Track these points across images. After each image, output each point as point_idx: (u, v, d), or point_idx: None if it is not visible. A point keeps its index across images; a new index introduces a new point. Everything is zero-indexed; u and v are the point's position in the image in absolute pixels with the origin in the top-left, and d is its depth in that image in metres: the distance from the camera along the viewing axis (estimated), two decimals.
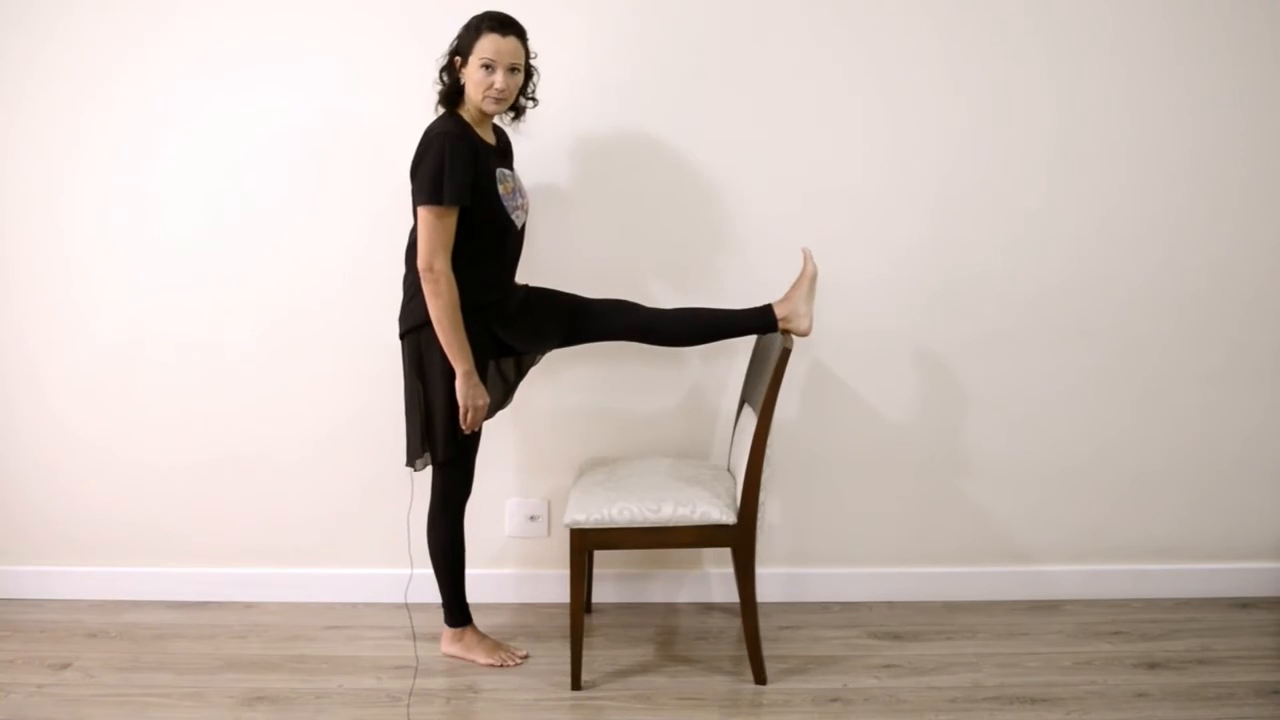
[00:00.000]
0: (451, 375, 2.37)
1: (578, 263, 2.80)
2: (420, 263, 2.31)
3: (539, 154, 2.75)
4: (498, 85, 2.34)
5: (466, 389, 2.36)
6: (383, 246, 2.72)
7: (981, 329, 2.86)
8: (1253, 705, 2.33)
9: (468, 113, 2.41)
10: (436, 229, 2.30)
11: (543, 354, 2.68)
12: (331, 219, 2.83)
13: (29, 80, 2.80)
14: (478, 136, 2.40)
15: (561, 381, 2.87)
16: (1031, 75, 2.78)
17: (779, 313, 2.50)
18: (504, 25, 2.35)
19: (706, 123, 2.79)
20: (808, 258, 2.53)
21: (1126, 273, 2.84)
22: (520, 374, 2.68)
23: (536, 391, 2.83)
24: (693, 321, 2.57)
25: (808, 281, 2.51)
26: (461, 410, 2.38)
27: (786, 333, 2.48)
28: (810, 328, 2.50)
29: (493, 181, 2.38)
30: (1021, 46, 2.77)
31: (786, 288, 2.57)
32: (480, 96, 2.36)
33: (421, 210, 2.31)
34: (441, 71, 2.42)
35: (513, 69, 2.36)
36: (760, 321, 2.52)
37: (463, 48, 2.37)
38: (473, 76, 2.35)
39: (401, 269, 2.50)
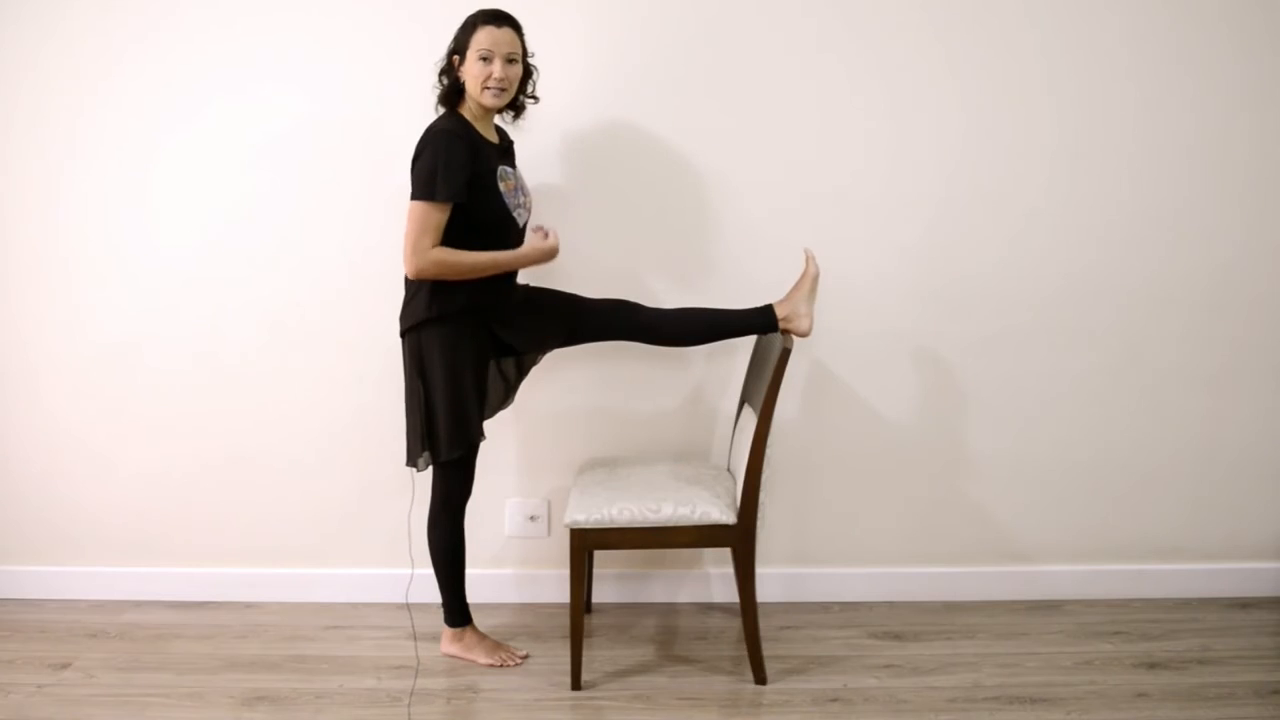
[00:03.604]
0: (452, 374, 2.38)
1: (578, 262, 2.79)
2: (406, 256, 2.32)
3: (540, 153, 2.75)
4: (496, 75, 2.35)
5: (540, 247, 2.43)
6: (383, 246, 2.72)
7: (982, 329, 2.86)
8: (1253, 705, 2.33)
9: (468, 111, 2.42)
10: (424, 225, 2.30)
11: (543, 354, 2.68)
12: (332, 219, 2.83)
13: (29, 79, 2.80)
14: (478, 134, 2.40)
15: (561, 381, 2.87)
16: (1032, 75, 2.78)
17: (780, 313, 2.50)
18: (498, 18, 2.37)
19: (707, 121, 2.79)
20: (810, 259, 2.53)
21: (1128, 273, 2.84)
22: (521, 374, 2.68)
23: (536, 391, 2.83)
24: (693, 321, 2.57)
25: (809, 282, 2.51)
26: (548, 249, 2.45)
27: (787, 333, 2.48)
28: (811, 328, 2.50)
29: (494, 179, 2.39)
30: (1022, 46, 2.77)
31: (787, 287, 2.57)
32: (479, 90, 2.36)
33: (412, 205, 2.31)
34: (441, 73, 2.42)
35: (510, 60, 2.37)
36: (761, 321, 2.52)
37: (460, 45, 2.38)
38: (471, 71, 2.36)
39: (402, 268, 2.49)
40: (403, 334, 2.45)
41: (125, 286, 2.86)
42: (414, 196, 2.31)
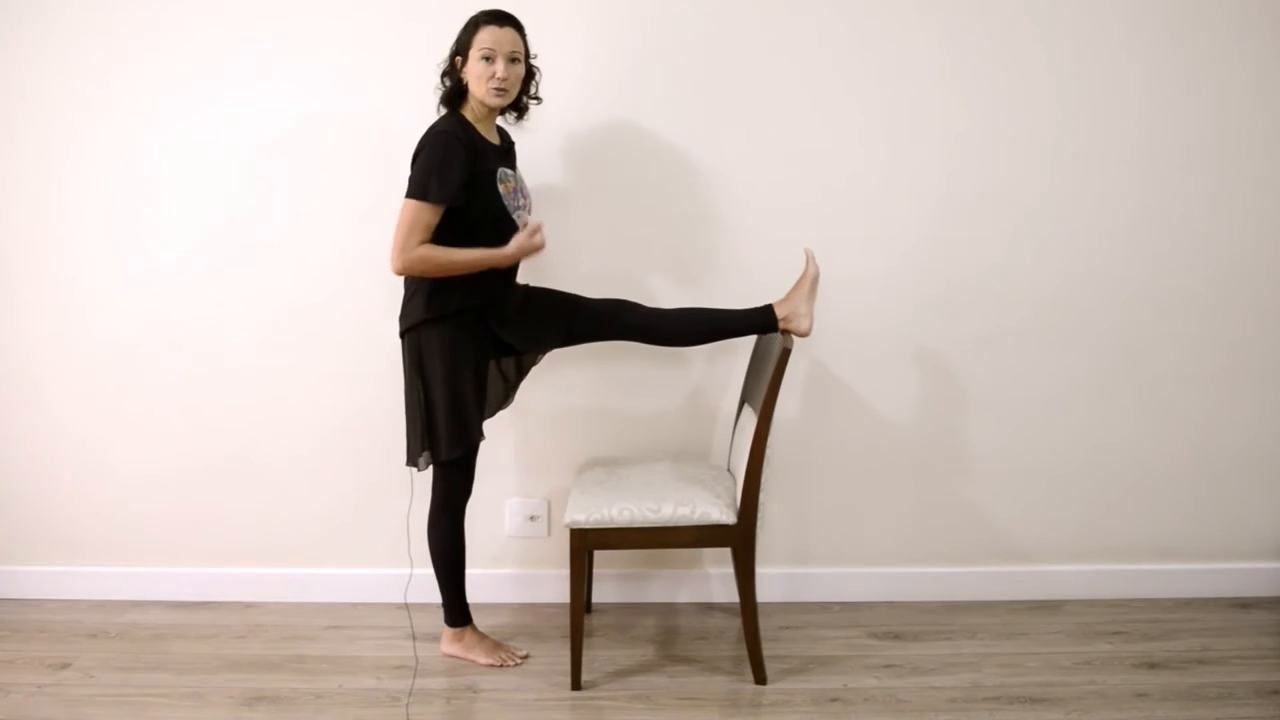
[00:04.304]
0: (452, 374, 2.38)
1: (578, 262, 2.80)
2: (393, 253, 2.32)
3: (540, 153, 2.75)
4: (499, 74, 2.35)
5: (525, 248, 2.38)
6: (383, 246, 2.69)
7: (982, 329, 2.86)
8: (1253, 705, 2.33)
9: (470, 112, 2.42)
10: (415, 224, 2.31)
11: (543, 354, 2.68)
12: (332, 219, 2.83)
13: (29, 80, 2.80)
14: (479, 135, 2.40)
15: (561, 381, 2.87)
16: (1033, 73, 2.78)
17: (780, 313, 2.50)
18: (500, 17, 2.38)
19: (707, 122, 2.79)
20: (810, 259, 2.53)
21: (1128, 273, 2.84)
22: (521, 374, 2.68)
23: (536, 391, 2.83)
24: (693, 321, 2.57)
25: (809, 282, 2.51)
26: (533, 249, 2.40)
27: (787, 333, 2.48)
28: (811, 328, 2.50)
29: (493, 180, 2.39)
30: (1023, 45, 2.77)
31: (787, 287, 2.57)
32: (483, 90, 2.37)
33: (405, 203, 2.32)
34: (443, 75, 2.43)
35: (513, 59, 2.37)
36: (761, 321, 2.52)
37: (462, 46, 2.39)
38: (473, 70, 2.36)
39: None
40: (402, 334, 2.45)
41: (125, 286, 2.87)
42: (408, 194, 2.32)
